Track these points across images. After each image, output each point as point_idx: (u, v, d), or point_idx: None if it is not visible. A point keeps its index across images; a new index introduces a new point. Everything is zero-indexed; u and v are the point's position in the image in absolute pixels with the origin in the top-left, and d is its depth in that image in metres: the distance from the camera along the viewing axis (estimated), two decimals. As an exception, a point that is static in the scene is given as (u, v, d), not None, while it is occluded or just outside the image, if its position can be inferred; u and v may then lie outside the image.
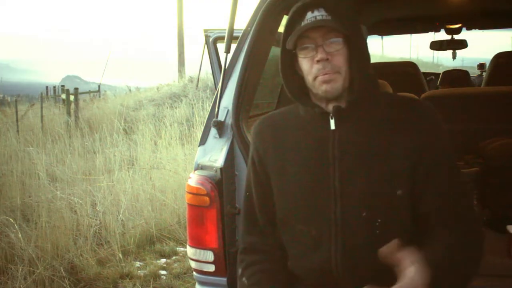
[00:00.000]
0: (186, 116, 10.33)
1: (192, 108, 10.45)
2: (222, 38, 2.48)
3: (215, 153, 2.03)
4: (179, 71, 17.83)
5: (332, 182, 1.37)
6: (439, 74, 6.31)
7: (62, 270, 3.78)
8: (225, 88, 2.08)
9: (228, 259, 1.95)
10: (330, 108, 1.40)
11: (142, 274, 4.02)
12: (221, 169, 1.95)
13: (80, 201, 4.83)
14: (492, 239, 2.09)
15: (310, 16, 1.35)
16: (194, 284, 2.10)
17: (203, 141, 2.10)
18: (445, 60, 31.24)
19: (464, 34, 5.07)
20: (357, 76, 1.38)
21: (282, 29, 1.44)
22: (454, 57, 5.79)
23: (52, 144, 7.38)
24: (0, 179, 5.78)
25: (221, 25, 5.74)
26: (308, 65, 1.37)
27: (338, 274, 1.38)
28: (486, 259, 1.43)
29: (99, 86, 17.66)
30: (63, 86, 17.28)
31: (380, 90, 1.51)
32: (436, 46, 5.32)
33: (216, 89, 2.16)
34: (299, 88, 1.45)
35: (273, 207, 1.48)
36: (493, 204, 2.58)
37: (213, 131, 2.06)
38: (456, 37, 5.11)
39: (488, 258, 1.84)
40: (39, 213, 4.53)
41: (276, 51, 1.56)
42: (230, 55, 2.09)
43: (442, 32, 5.09)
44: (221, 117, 2.05)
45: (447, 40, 5.15)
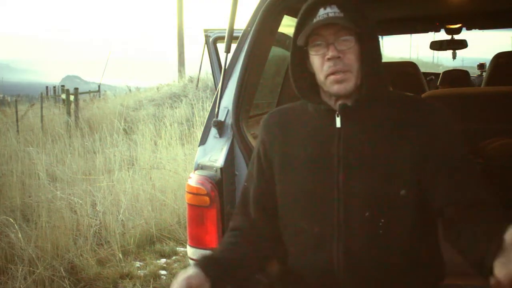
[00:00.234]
0: (186, 116, 10.33)
1: (192, 108, 10.44)
2: (222, 38, 2.48)
3: (215, 153, 2.03)
4: (179, 71, 17.83)
5: (336, 181, 1.36)
6: (439, 74, 6.29)
7: (62, 270, 3.78)
8: (225, 88, 2.08)
9: (228, 259, 1.95)
10: (337, 106, 1.40)
11: (142, 274, 4.02)
12: (221, 169, 1.95)
13: (80, 201, 4.83)
14: None
15: (323, 13, 1.33)
16: (194, 284, 2.10)
17: (203, 141, 2.10)
18: (445, 60, 31.30)
19: (464, 34, 5.07)
20: (368, 74, 1.36)
21: (282, 29, 1.44)
22: (454, 57, 5.78)
23: (52, 144, 7.37)
24: (0, 179, 5.77)
25: (221, 25, 5.74)
26: (319, 62, 1.36)
27: (340, 274, 1.36)
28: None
29: (99, 86, 17.66)
30: (63, 86, 17.28)
31: (389, 89, 1.49)
32: (436, 46, 5.31)
33: (216, 89, 2.16)
34: (310, 85, 1.43)
35: (270, 202, 1.47)
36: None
37: (213, 131, 2.07)
38: (456, 37, 5.10)
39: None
40: (39, 213, 4.52)
41: (276, 51, 1.55)
42: (230, 55, 2.09)
43: (442, 32, 5.08)
44: (221, 117, 2.05)
45: (447, 40, 5.14)
